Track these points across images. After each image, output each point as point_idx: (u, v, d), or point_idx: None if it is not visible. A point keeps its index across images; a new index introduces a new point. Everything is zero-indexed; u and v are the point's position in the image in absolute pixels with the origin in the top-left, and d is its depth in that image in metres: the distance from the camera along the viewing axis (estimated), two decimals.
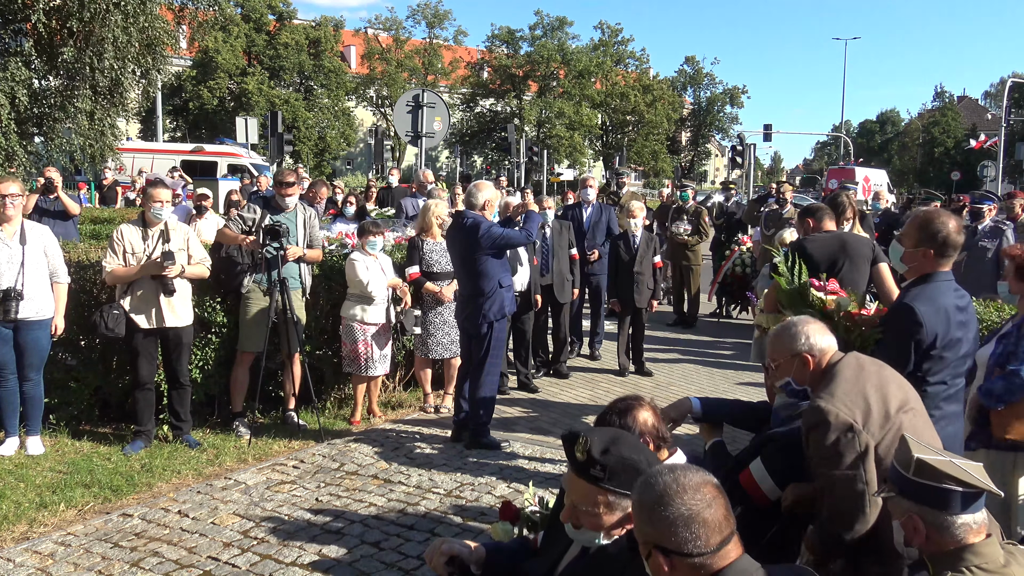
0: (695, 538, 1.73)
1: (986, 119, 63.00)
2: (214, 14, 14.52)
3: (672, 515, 1.74)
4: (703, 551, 1.73)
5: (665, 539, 1.75)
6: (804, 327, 2.87)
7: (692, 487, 1.76)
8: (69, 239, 8.46)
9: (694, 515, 1.74)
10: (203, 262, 5.76)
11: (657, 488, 1.78)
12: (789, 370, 2.86)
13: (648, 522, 1.78)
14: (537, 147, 37.34)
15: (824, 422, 2.58)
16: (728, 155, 34.55)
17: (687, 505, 1.74)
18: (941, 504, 2.02)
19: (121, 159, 16.93)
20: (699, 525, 1.73)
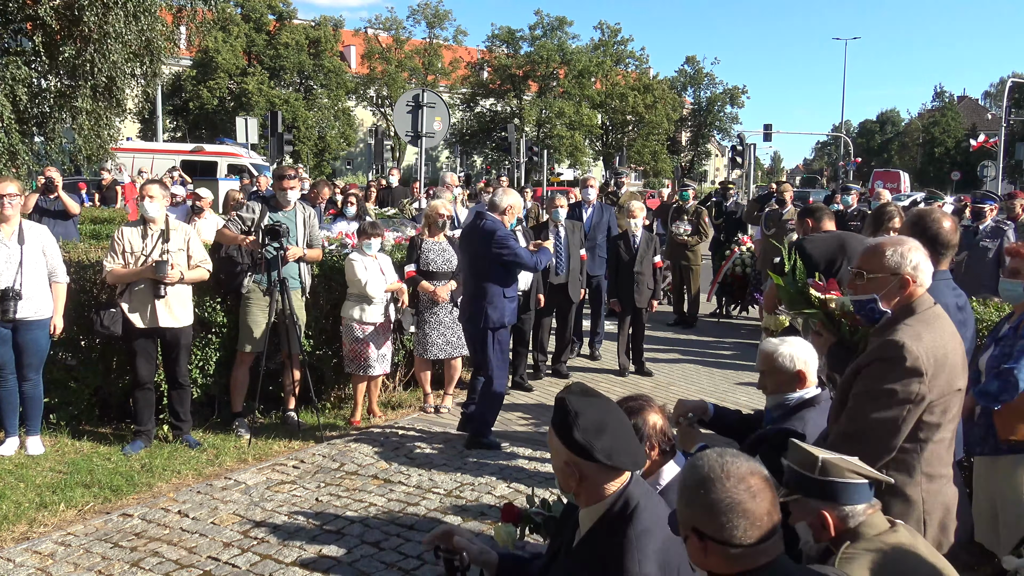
0: (733, 527, 1.70)
1: (986, 119, 63.02)
2: (213, 14, 14.50)
3: (713, 500, 1.71)
4: (741, 542, 1.70)
5: (704, 523, 1.73)
6: (916, 251, 2.70)
7: (738, 475, 1.73)
8: (69, 239, 8.45)
9: (736, 503, 1.70)
10: (203, 263, 5.76)
11: (702, 471, 1.76)
12: (882, 288, 2.69)
13: (688, 504, 1.76)
14: (537, 147, 37.27)
15: (899, 359, 2.48)
16: (728, 155, 34.55)
17: (729, 493, 1.71)
18: (849, 497, 2.18)
19: (118, 159, 16.88)
20: (740, 515, 1.70)
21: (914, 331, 2.56)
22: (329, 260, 6.60)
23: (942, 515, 2.60)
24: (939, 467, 2.62)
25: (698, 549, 1.75)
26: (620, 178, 12.71)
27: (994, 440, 3.50)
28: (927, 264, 2.70)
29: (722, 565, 1.73)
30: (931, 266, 2.73)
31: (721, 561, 1.73)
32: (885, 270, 2.70)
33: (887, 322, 2.69)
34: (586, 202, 8.75)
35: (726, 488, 1.71)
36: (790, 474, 2.28)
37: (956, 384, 2.60)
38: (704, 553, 1.74)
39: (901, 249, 2.70)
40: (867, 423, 2.53)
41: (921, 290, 2.68)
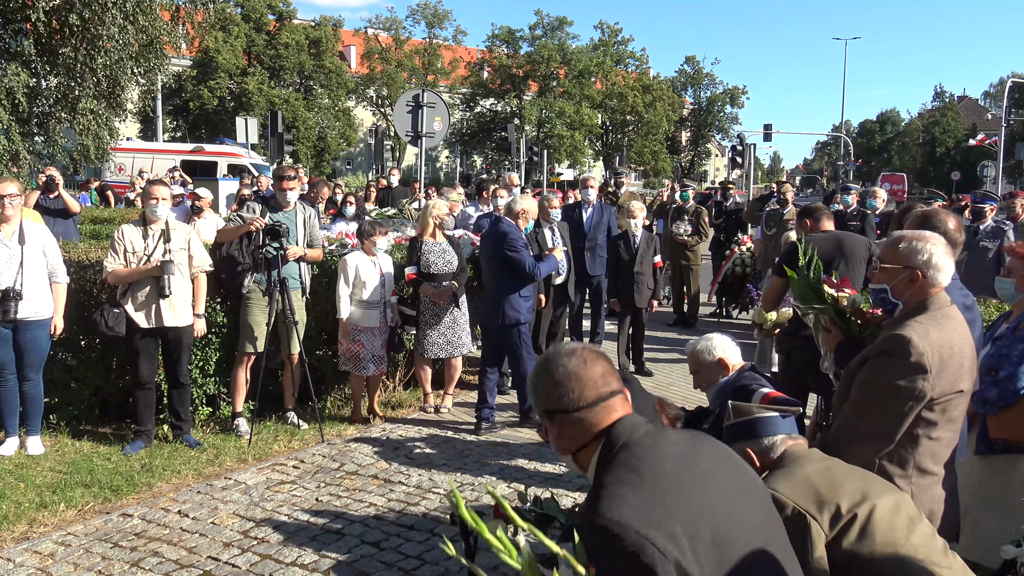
0: (570, 391, 1.81)
1: (986, 119, 63.02)
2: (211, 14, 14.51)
3: (551, 378, 1.84)
4: (578, 404, 1.80)
5: (548, 401, 1.84)
6: (932, 244, 2.70)
7: (568, 352, 1.87)
8: (69, 239, 8.46)
9: (569, 373, 1.82)
10: (204, 263, 5.76)
11: (541, 362, 1.90)
12: (893, 278, 2.72)
13: (535, 393, 1.89)
14: (537, 147, 37.30)
15: (905, 354, 2.49)
16: (728, 155, 34.55)
17: (563, 366, 1.84)
18: (763, 430, 2.47)
19: (118, 159, 16.90)
20: (574, 381, 1.81)
21: (923, 328, 2.56)
22: (329, 260, 6.61)
23: (929, 512, 2.61)
24: (932, 465, 2.63)
25: (554, 434, 1.86)
26: (620, 178, 12.70)
27: (987, 439, 3.51)
28: (945, 262, 2.69)
29: (576, 436, 1.83)
30: (951, 265, 2.72)
31: (573, 432, 1.83)
32: (897, 261, 2.73)
33: (899, 316, 2.70)
34: (586, 202, 8.75)
35: (560, 361, 1.85)
36: (725, 433, 2.54)
37: (959, 385, 2.60)
38: (559, 433, 1.85)
39: (917, 243, 2.71)
40: (868, 415, 2.55)
41: (935, 288, 2.68)
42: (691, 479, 1.69)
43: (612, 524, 1.57)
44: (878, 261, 2.82)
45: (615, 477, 1.68)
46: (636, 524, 1.56)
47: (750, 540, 1.68)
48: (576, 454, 1.86)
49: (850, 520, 2.12)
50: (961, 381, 2.61)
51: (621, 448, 1.75)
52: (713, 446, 1.85)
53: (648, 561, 1.53)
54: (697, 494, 1.66)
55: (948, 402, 2.58)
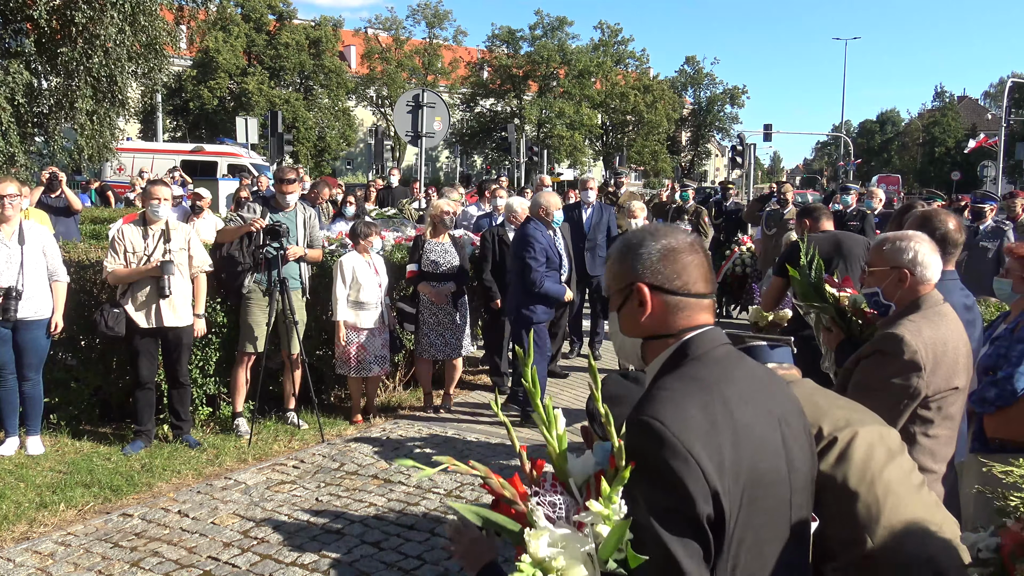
0: (685, 272, 1.60)
1: (986, 119, 63.00)
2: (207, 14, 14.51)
3: (660, 248, 1.62)
4: (689, 290, 1.60)
5: (654, 273, 1.61)
6: (916, 243, 2.71)
7: (678, 231, 1.68)
8: (70, 238, 8.48)
9: (680, 250, 1.62)
10: (204, 263, 5.76)
11: (642, 231, 1.68)
12: (882, 280, 2.74)
13: (631, 261, 1.63)
14: (537, 147, 37.34)
15: (898, 352, 2.49)
16: (728, 155, 34.56)
17: (686, 245, 1.63)
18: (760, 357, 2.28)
19: (120, 159, 16.91)
20: (694, 266, 1.61)
21: (915, 326, 2.58)
22: (329, 260, 6.61)
23: None
24: (931, 463, 2.63)
25: (636, 311, 1.62)
26: (619, 178, 12.70)
27: (983, 438, 3.51)
28: (932, 259, 2.71)
29: (662, 323, 1.61)
30: (938, 262, 2.74)
31: (663, 318, 1.61)
32: (883, 263, 2.76)
33: (892, 316, 2.73)
34: (585, 203, 8.75)
35: (681, 239, 1.64)
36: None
37: (954, 382, 2.61)
38: (646, 312, 1.61)
39: (901, 243, 2.74)
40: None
41: (925, 286, 2.70)
42: (757, 422, 1.53)
43: (659, 425, 1.43)
44: (866, 265, 2.84)
45: (683, 385, 1.51)
46: (685, 436, 1.42)
47: (780, 508, 1.56)
48: (646, 342, 1.64)
49: (830, 443, 2.07)
50: (956, 378, 2.62)
51: (698, 358, 1.56)
52: (787, 394, 1.69)
53: (681, 475, 1.40)
54: (756, 439, 1.51)
55: (943, 399, 2.59)
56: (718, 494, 1.41)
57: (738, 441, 1.47)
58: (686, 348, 1.58)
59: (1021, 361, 3.38)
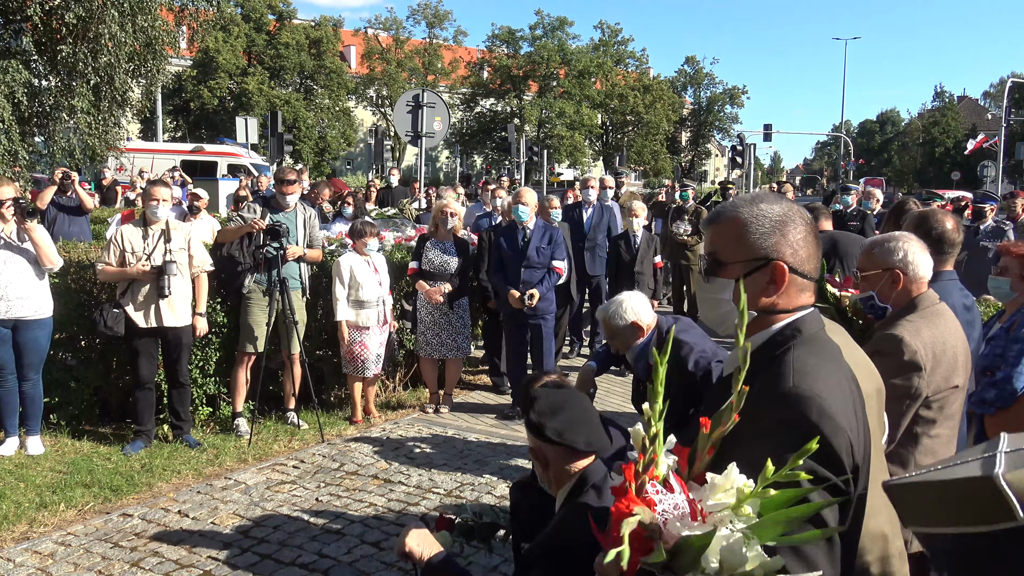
0: (802, 248, 1.61)
1: (986, 119, 62.97)
2: (213, 14, 14.50)
3: (803, 231, 1.61)
4: (803, 268, 1.61)
5: (788, 252, 1.59)
6: (905, 243, 2.72)
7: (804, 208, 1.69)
8: (83, 238, 8.56)
9: (812, 232, 1.64)
10: (204, 263, 5.76)
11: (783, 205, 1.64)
12: (875, 284, 2.74)
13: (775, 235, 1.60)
14: (537, 147, 37.31)
15: (897, 353, 2.49)
16: (728, 155, 34.56)
17: (806, 220, 1.63)
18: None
19: (121, 159, 16.92)
20: (811, 243, 1.62)
21: (914, 326, 2.59)
22: (329, 261, 6.61)
23: None
24: (932, 462, 2.63)
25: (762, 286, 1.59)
26: (620, 178, 12.69)
27: (984, 440, 3.51)
28: (922, 258, 2.71)
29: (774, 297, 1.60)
30: (929, 260, 2.75)
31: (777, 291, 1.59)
32: (874, 266, 2.76)
33: (889, 317, 2.72)
34: (586, 203, 8.75)
35: (802, 214, 1.64)
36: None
37: (954, 381, 2.61)
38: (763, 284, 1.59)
39: (889, 244, 2.74)
40: None
41: (919, 285, 2.70)
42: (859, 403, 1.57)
43: (818, 399, 1.42)
44: (858, 271, 2.84)
45: (817, 360, 1.52)
46: (838, 410, 1.43)
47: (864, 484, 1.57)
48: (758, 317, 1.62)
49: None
50: (955, 377, 2.62)
51: (814, 336, 1.58)
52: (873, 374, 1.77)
53: (839, 449, 1.40)
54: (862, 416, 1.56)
55: (944, 398, 2.59)
56: (857, 468, 1.45)
57: (856, 420, 1.50)
58: (798, 325, 1.58)
59: (1019, 361, 3.38)
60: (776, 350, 1.55)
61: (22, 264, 5.27)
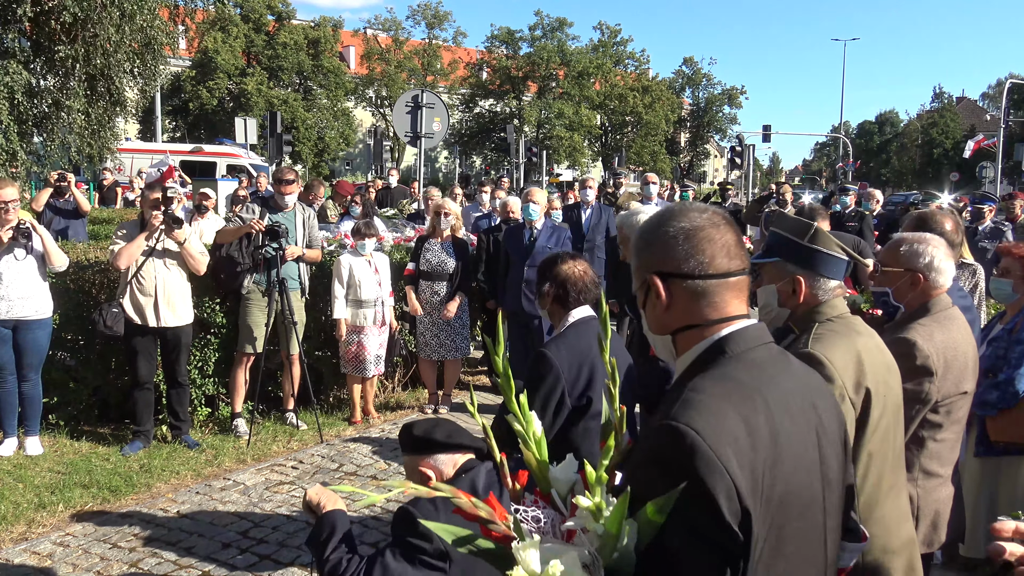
0: (698, 252, 1.41)
1: (985, 120, 62.99)
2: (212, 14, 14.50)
3: (672, 230, 1.44)
4: (706, 271, 1.41)
5: (663, 260, 1.44)
6: (933, 247, 2.70)
7: (698, 208, 1.49)
8: (79, 240, 8.51)
9: (697, 228, 1.43)
10: (202, 256, 5.74)
11: (659, 214, 1.53)
12: (894, 282, 2.72)
13: (645, 248, 1.48)
14: (536, 148, 37.34)
15: (909, 357, 2.47)
16: (727, 156, 34.56)
17: (690, 220, 1.44)
18: (828, 269, 2.29)
19: (120, 159, 16.91)
20: (705, 241, 1.42)
21: (927, 330, 2.57)
22: (328, 261, 6.61)
23: (934, 513, 2.61)
24: (937, 466, 2.63)
25: (657, 304, 1.45)
26: (619, 179, 12.70)
27: (986, 441, 3.51)
28: (947, 265, 2.69)
29: (687, 313, 1.43)
30: (952, 268, 2.72)
31: (686, 307, 1.43)
32: (898, 264, 2.73)
33: (901, 319, 2.71)
34: (584, 203, 8.75)
35: (688, 217, 1.45)
36: (775, 238, 2.37)
37: (963, 387, 2.60)
38: (666, 304, 1.44)
39: (918, 247, 2.71)
40: None
41: (937, 291, 2.69)
42: (796, 435, 1.36)
43: (693, 434, 1.24)
44: (879, 264, 2.82)
45: (721, 389, 1.32)
46: (721, 449, 1.23)
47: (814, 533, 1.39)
48: (676, 335, 1.46)
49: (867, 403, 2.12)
50: (965, 382, 2.61)
51: (737, 357, 1.38)
52: (826, 396, 1.52)
53: (713, 490, 1.21)
54: (795, 456, 1.34)
55: (952, 403, 2.58)
56: (749, 516, 1.23)
57: (777, 458, 1.30)
58: (723, 344, 1.40)
59: (1021, 363, 3.39)
60: (690, 375, 1.39)
61: (23, 264, 5.26)
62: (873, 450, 2.10)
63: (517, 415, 1.37)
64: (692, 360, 1.42)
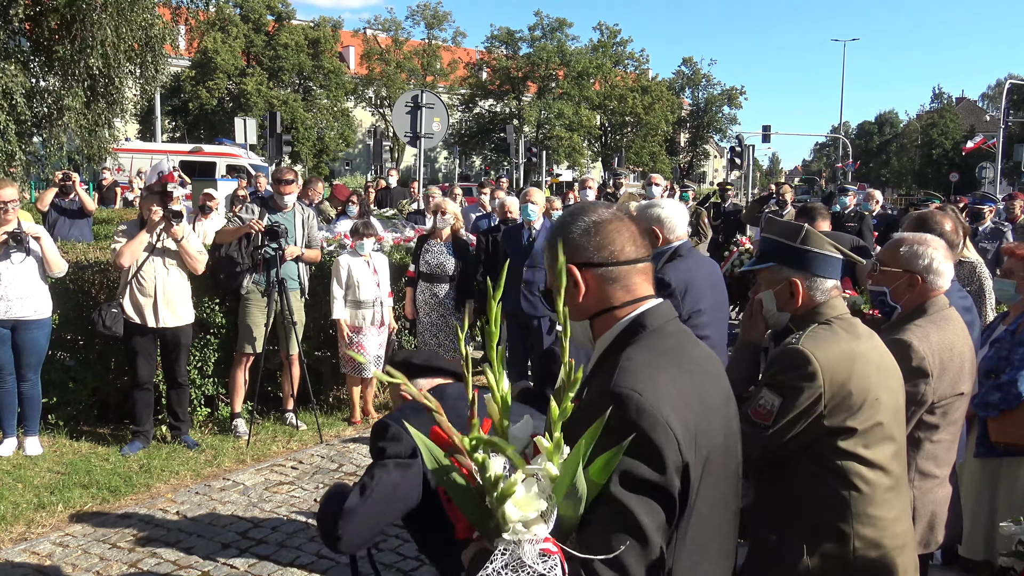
0: (609, 242, 1.59)
1: (984, 120, 63.03)
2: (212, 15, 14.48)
3: (582, 225, 1.61)
4: (618, 259, 1.59)
5: (577, 251, 1.60)
6: (932, 249, 2.70)
7: (604, 205, 1.69)
8: (84, 240, 8.51)
9: (605, 221, 1.61)
10: (200, 254, 5.73)
11: (570, 210, 1.70)
12: (892, 281, 2.73)
13: (557, 244, 1.61)
14: (536, 148, 37.35)
15: (905, 359, 2.47)
16: (727, 156, 34.58)
17: (599, 215, 1.63)
18: (823, 269, 2.31)
19: (119, 159, 16.90)
20: (615, 232, 1.60)
21: (923, 331, 2.57)
22: (328, 261, 6.60)
23: (931, 514, 2.61)
24: (934, 467, 2.63)
25: (574, 293, 1.60)
26: (619, 179, 12.70)
27: (987, 442, 3.51)
28: (946, 266, 2.69)
29: (601, 299, 1.60)
30: (951, 270, 2.72)
31: (600, 293, 1.59)
32: (897, 265, 2.73)
33: (897, 320, 2.70)
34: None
35: (598, 210, 1.64)
36: (767, 244, 2.41)
37: (959, 388, 2.60)
38: (584, 291, 1.60)
39: (917, 247, 2.71)
40: None
41: (935, 292, 2.68)
42: (710, 396, 1.56)
43: (637, 396, 1.42)
44: (878, 263, 2.82)
45: (650, 357, 1.51)
46: (661, 407, 1.41)
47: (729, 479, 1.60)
48: (594, 319, 1.62)
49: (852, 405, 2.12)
50: (961, 383, 2.61)
51: (656, 330, 1.56)
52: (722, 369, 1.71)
53: (660, 445, 1.39)
54: (713, 412, 1.54)
55: (949, 405, 2.58)
56: (687, 465, 1.43)
57: (702, 412, 1.50)
58: (642, 320, 1.58)
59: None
60: (618, 348, 1.56)
61: (22, 265, 5.26)
62: (865, 453, 2.10)
63: (491, 372, 1.46)
64: (614, 337, 1.59)
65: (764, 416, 2.12)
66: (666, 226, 3.76)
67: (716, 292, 3.73)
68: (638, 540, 1.37)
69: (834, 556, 2.09)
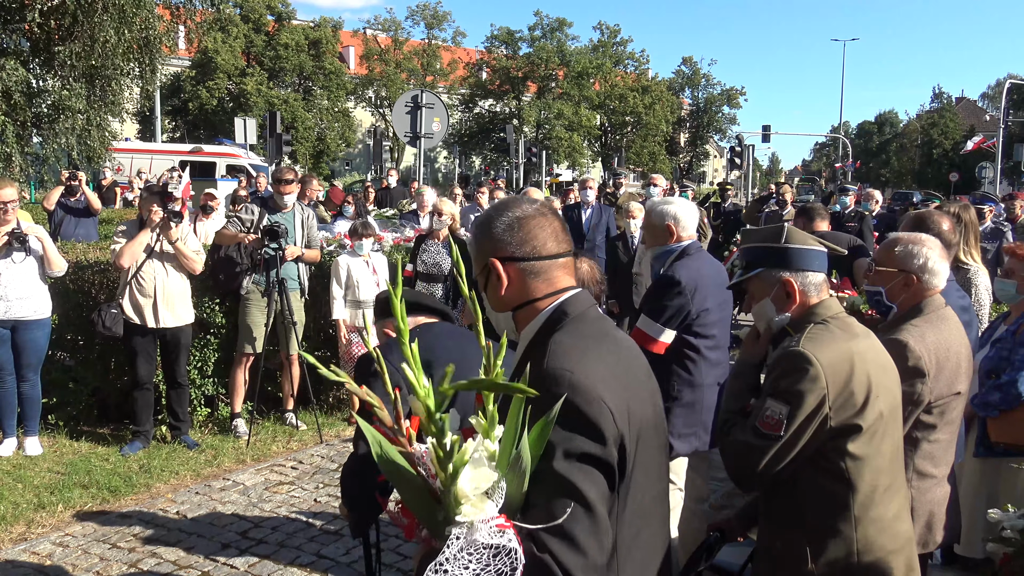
0: (532, 238, 1.65)
1: (984, 120, 63.03)
2: (212, 14, 14.47)
3: (506, 220, 1.67)
4: (540, 254, 1.65)
5: (500, 246, 1.66)
6: (927, 248, 2.69)
7: (528, 200, 1.73)
8: (90, 240, 8.51)
9: (529, 216, 1.66)
10: (198, 254, 5.72)
11: (494, 206, 1.74)
12: (887, 281, 2.72)
13: (484, 237, 1.69)
14: (536, 148, 37.34)
15: (901, 359, 2.46)
16: (727, 156, 34.59)
17: (523, 211, 1.68)
18: (810, 263, 2.31)
19: (118, 159, 16.91)
20: (537, 228, 1.66)
21: (919, 331, 2.56)
22: (327, 261, 6.60)
23: (929, 514, 2.61)
24: (931, 467, 2.62)
25: (497, 286, 1.67)
26: (619, 179, 12.70)
27: (987, 442, 3.51)
28: (941, 266, 2.69)
29: (524, 291, 1.66)
30: (946, 270, 2.72)
31: (522, 286, 1.66)
32: (892, 264, 2.73)
33: (893, 320, 2.70)
34: (584, 203, 8.75)
35: (521, 206, 1.69)
36: (751, 253, 2.39)
37: (956, 387, 2.60)
38: (507, 284, 1.66)
39: (913, 247, 2.71)
40: None
41: (931, 292, 2.68)
42: (635, 373, 1.64)
43: (570, 374, 1.48)
44: (873, 263, 2.82)
45: (576, 341, 1.58)
46: (593, 383, 1.48)
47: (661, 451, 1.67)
48: (516, 311, 1.69)
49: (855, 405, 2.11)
50: (958, 383, 2.61)
51: (579, 317, 1.63)
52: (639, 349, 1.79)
53: (596, 419, 1.45)
54: (640, 387, 1.62)
55: (946, 404, 2.58)
56: (623, 436, 1.50)
57: (631, 388, 1.58)
58: (564, 308, 1.64)
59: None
60: (544, 336, 1.61)
61: (22, 265, 5.26)
62: (864, 452, 2.10)
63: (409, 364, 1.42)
64: (538, 327, 1.65)
65: (774, 427, 2.08)
66: (680, 224, 3.78)
67: (722, 292, 3.75)
68: (584, 509, 1.41)
69: (837, 558, 2.08)
